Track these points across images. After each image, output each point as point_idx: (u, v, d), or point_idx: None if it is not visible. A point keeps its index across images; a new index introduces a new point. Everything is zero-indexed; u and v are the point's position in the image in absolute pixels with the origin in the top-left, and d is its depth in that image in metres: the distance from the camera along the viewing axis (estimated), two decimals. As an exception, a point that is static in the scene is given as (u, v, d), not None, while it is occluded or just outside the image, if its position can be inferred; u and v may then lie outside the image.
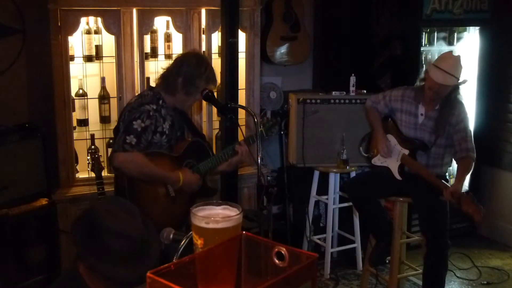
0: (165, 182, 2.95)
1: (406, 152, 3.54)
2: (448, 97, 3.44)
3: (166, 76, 3.01)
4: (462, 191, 3.26)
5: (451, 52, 3.58)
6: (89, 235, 1.77)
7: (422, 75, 3.53)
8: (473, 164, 3.45)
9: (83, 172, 3.81)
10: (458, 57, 3.45)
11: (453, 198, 3.23)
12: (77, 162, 3.80)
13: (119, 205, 1.86)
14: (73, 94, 3.70)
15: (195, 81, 2.96)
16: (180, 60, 3.04)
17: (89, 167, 3.48)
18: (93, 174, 3.36)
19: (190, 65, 2.97)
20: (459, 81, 3.41)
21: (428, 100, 3.47)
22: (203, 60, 3.06)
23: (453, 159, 3.56)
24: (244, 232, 1.18)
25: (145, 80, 3.81)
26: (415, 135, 3.54)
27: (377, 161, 3.69)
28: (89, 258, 1.76)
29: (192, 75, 2.95)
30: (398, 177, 3.58)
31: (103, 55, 3.76)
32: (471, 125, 4.87)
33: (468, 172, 3.45)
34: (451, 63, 3.39)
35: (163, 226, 2.91)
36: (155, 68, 3.88)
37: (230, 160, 3.15)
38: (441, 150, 3.51)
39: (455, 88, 3.45)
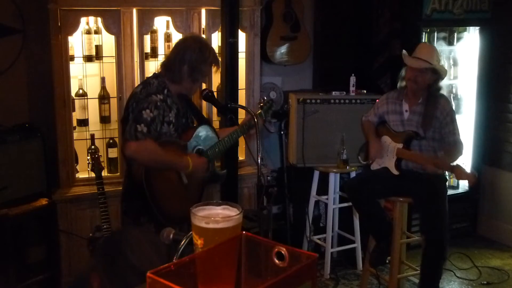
0: (176, 168, 2.94)
1: (400, 145, 3.60)
2: (430, 92, 3.58)
3: (169, 65, 2.96)
4: (452, 164, 3.39)
5: (425, 42, 3.78)
6: (113, 265, 1.74)
7: (402, 72, 3.68)
8: (459, 155, 3.58)
9: (83, 172, 3.82)
10: (431, 46, 3.71)
11: (440, 166, 3.41)
12: (77, 162, 3.80)
13: (147, 239, 1.82)
14: (73, 94, 3.70)
15: (201, 67, 2.95)
16: (182, 47, 2.98)
17: (89, 167, 3.49)
18: (93, 174, 3.37)
19: (194, 52, 2.93)
20: (432, 65, 3.51)
21: (410, 94, 3.62)
22: (206, 45, 3.03)
23: None
24: (244, 232, 1.18)
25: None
26: (404, 130, 3.64)
27: (376, 165, 3.74)
28: (106, 284, 1.75)
29: (197, 61, 2.93)
30: (395, 172, 3.60)
31: (103, 55, 3.76)
32: (471, 125, 4.91)
33: (454, 157, 3.53)
34: (423, 50, 3.63)
35: (179, 215, 2.92)
36: (155, 68, 3.88)
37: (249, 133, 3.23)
38: (431, 143, 3.59)
39: (435, 82, 3.57)
